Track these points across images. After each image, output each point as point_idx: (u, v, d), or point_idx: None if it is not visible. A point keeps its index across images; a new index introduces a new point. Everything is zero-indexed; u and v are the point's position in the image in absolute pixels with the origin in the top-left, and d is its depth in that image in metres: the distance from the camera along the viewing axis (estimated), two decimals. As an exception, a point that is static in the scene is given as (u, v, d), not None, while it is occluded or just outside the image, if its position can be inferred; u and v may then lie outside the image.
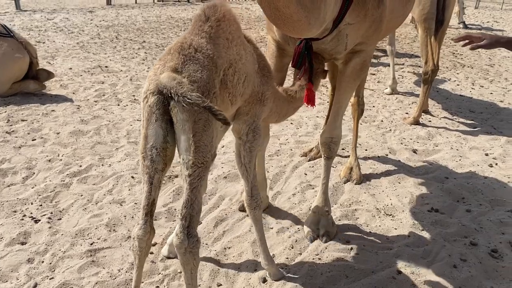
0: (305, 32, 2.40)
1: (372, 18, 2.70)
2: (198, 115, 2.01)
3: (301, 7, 2.15)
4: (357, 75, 2.95)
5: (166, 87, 1.93)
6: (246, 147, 2.60)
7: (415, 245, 3.24)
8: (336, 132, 3.12)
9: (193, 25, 2.28)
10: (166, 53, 2.15)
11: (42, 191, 3.68)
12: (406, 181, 4.18)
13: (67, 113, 5.32)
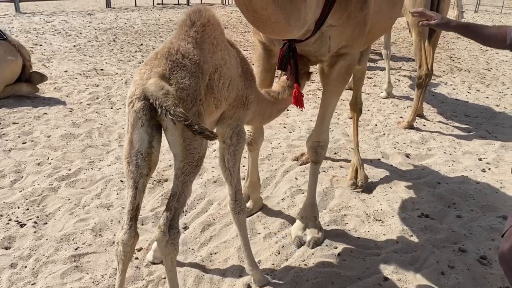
0: (286, 34, 2.40)
1: (356, 21, 2.68)
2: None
3: (279, 8, 2.14)
4: (342, 78, 2.93)
5: (152, 96, 1.92)
6: (230, 150, 2.59)
7: (403, 251, 3.20)
8: (323, 136, 3.09)
9: (178, 30, 2.27)
10: (152, 57, 2.13)
11: (29, 195, 3.66)
12: (397, 186, 4.15)
13: (59, 116, 5.30)
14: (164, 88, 1.93)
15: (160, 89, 1.92)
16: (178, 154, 2.11)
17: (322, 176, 4.25)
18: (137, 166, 2.06)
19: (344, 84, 2.99)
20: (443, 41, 11.59)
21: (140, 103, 1.99)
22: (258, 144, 3.49)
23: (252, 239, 3.26)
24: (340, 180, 4.20)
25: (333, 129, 5.43)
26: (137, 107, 1.99)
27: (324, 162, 4.55)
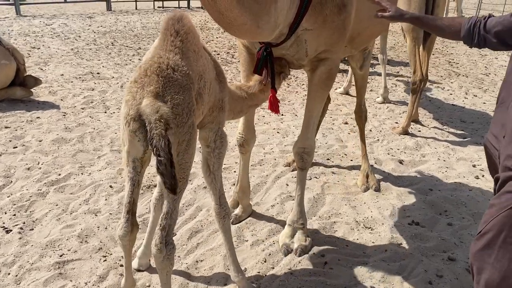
0: (255, 36, 2.42)
1: (333, 25, 2.65)
2: (182, 137, 2.10)
3: (244, 10, 2.15)
4: (324, 84, 2.90)
5: (146, 119, 1.98)
6: (215, 153, 2.62)
7: (391, 259, 3.17)
8: (308, 142, 3.06)
9: (163, 40, 2.25)
10: (142, 75, 2.11)
11: (17, 200, 3.64)
12: (389, 193, 4.12)
13: (52, 120, 5.29)
14: (159, 112, 1.95)
15: (154, 113, 1.95)
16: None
17: (313, 182, 4.23)
18: (134, 167, 2.22)
19: (327, 89, 2.96)
20: (442, 46, 11.56)
21: (135, 124, 2.04)
22: (250, 146, 3.47)
23: (239, 246, 3.24)
24: (332, 186, 4.17)
25: (327, 134, 5.41)
26: (133, 127, 2.05)
27: (316, 168, 4.53)
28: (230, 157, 4.65)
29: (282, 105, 6.37)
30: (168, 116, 1.97)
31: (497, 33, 2.12)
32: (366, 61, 3.99)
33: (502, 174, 1.97)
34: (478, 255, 1.95)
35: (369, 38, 3.46)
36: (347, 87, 7.23)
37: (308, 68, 2.93)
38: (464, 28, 2.25)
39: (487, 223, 1.93)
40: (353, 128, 5.65)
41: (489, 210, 1.97)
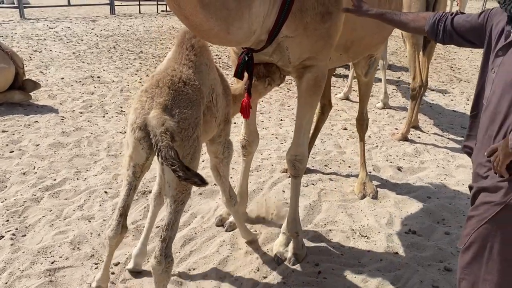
0: (226, 42, 2.46)
1: (316, 33, 2.62)
2: (187, 150, 2.15)
3: (211, 16, 2.17)
4: (312, 91, 2.86)
5: (152, 131, 2.03)
6: (224, 162, 2.87)
7: (386, 269, 3.12)
8: (300, 149, 3.02)
9: (177, 53, 2.31)
10: (153, 85, 2.16)
11: (11, 205, 3.62)
12: (386, 200, 4.07)
13: (50, 124, 5.28)
14: (164, 125, 2.00)
15: (160, 126, 2.00)
16: (172, 182, 2.19)
17: (310, 189, 4.19)
18: (134, 172, 2.28)
19: (315, 96, 2.92)
20: (445, 51, 11.50)
21: (140, 132, 2.11)
22: (253, 148, 3.48)
23: (232, 254, 3.20)
24: (329, 193, 4.13)
25: (325, 140, 5.37)
26: (138, 136, 2.12)
27: (313, 174, 4.49)
28: (227, 163, 4.61)
29: (282, 110, 6.35)
30: (173, 129, 2.02)
31: (464, 31, 2.13)
32: (371, 68, 3.95)
33: (475, 185, 1.97)
34: (468, 269, 1.92)
35: (366, 48, 3.41)
36: (347, 92, 7.19)
37: (295, 75, 2.91)
38: (429, 23, 2.25)
39: (469, 235, 1.92)
40: (352, 134, 5.61)
41: (469, 222, 1.96)
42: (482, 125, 1.93)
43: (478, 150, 1.96)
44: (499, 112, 1.83)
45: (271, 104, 6.60)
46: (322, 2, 2.59)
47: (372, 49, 3.60)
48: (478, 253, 1.90)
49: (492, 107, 1.87)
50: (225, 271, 3.02)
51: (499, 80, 1.84)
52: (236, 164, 4.56)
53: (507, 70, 1.80)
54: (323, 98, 4.52)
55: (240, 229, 3.29)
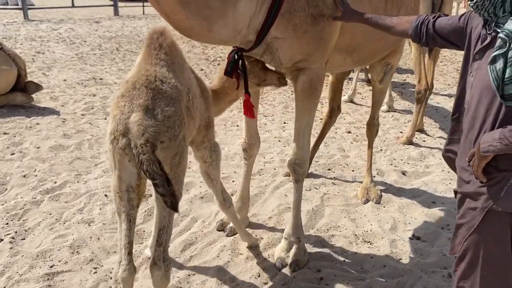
0: (209, 40, 2.50)
1: (307, 35, 2.58)
2: (174, 150, 2.06)
3: (192, 14, 2.18)
4: (308, 93, 2.81)
5: (132, 140, 1.90)
6: (213, 165, 2.81)
7: (389, 276, 3.07)
8: (300, 153, 2.97)
9: (147, 54, 2.22)
10: (130, 88, 2.05)
11: (11, 208, 3.59)
12: (390, 205, 4.01)
13: (51, 126, 5.26)
14: (144, 135, 1.88)
15: (140, 136, 1.88)
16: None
17: (313, 193, 4.14)
18: (128, 200, 2.08)
19: (312, 99, 2.86)
20: (451, 53, 11.42)
21: (124, 140, 1.95)
22: (254, 151, 3.44)
23: (233, 259, 3.15)
24: (332, 198, 4.08)
25: (329, 143, 5.32)
26: (122, 144, 1.96)
27: (316, 178, 4.44)
28: (229, 166, 4.58)
29: (285, 113, 6.31)
30: (155, 138, 1.91)
31: (446, 34, 2.12)
32: (387, 76, 3.87)
33: (459, 190, 1.98)
34: (465, 277, 1.92)
35: (373, 53, 3.34)
36: (351, 95, 7.14)
37: (290, 77, 2.88)
38: (412, 26, 2.25)
39: (461, 244, 1.91)
40: (356, 137, 5.56)
41: (459, 230, 1.95)
42: (464, 130, 1.93)
43: (461, 155, 1.96)
44: (477, 117, 1.82)
45: (274, 107, 6.56)
46: (314, 4, 2.55)
47: (379, 55, 3.52)
48: (473, 260, 1.88)
49: (471, 111, 1.87)
50: (226, 277, 2.98)
51: (476, 84, 1.83)
52: (238, 168, 4.53)
53: (483, 74, 1.77)
54: (332, 102, 4.47)
55: (239, 233, 3.25)
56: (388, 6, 3.10)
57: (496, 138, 1.70)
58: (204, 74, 8.09)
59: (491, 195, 1.78)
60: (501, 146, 1.68)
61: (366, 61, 3.56)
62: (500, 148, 1.69)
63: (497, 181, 1.78)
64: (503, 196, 1.75)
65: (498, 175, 1.78)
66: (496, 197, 1.77)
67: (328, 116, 4.53)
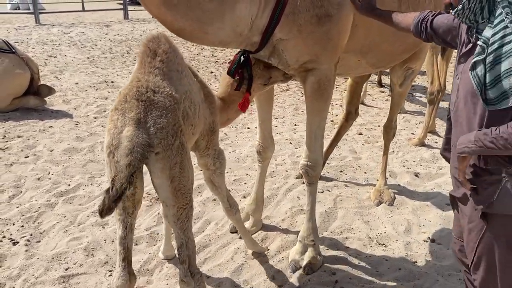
0: (208, 42, 2.49)
1: (313, 36, 2.56)
2: (173, 160, 2.01)
3: (180, 16, 2.18)
4: (318, 95, 2.79)
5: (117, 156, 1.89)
6: (217, 173, 2.75)
7: (405, 279, 3.04)
8: (312, 156, 2.94)
9: (141, 63, 2.18)
10: (121, 100, 2.03)
11: (26, 211, 3.62)
12: (404, 207, 3.98)
13: (64, 129, 5.30)
14: (128, 157, 1.83)
15: (125, 156, 1.84)
16: (168, 198, 2.09)
17: (325, 195, 4.13)
18: (124, 208, 2.06)
19: (322, 101, 2.83)
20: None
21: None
22: (268, 153, 3.44)
23: (247, 262, 3.15)
24: (344, 200, 4.06)
25: (340, 145, 5.29)
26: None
27: (329, 180, 4.42)
28: (240, 169, 4.58)
29: (295, 115, 6.29)
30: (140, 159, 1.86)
31: (442, 33, 2.15)
32: (407, 80, 3.83)
33: (455, 192, 1.99)
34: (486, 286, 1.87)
35: (389, 56, 3.27)
36: (362, 97, 7.10)
37: (299, 79, 2.86)
38: (413, 23, 2.28)
39: (474, 250, 1.88)
40: (368, 139, 5.53)
41: (468, 236, 1.92)
42: (453, 131, 1.98)
43: (453, 155, 1.97)
44: (463, 119, 1.86)
45: (285, 109, 6.55)
46: (319, 5, 2.52)
47: (398, 58, 3.45)
48: (489, 264, 1.86)
49: (458, 113, 1.89)
50: (240, 279, 2.98)
51: (462, 87, 1.85)
52: (250, 170, 4.53)
53: (467, 77, 1.78)
54: (349, 105, 4.43)
55: (245, 240, 3.20)
56: (403, 8, 3.05)
57: (471, 140, 1.74)
58: (214, 77, 8.11)
59: (484, 198, 1.79)
60: (476, 148, 1.73)
61: (383, 64, 3.51)
62: (474, 149, 1.73)
63: (489, 183, 1.78)
64: (496, 199, 1.75)
65: (488, 178, 1.78)
66: (490, 200, 1.77)
67: (344, 119, 4.50)
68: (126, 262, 2.11)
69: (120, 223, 2.09)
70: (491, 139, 1.67)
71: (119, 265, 2.11)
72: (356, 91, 4.40)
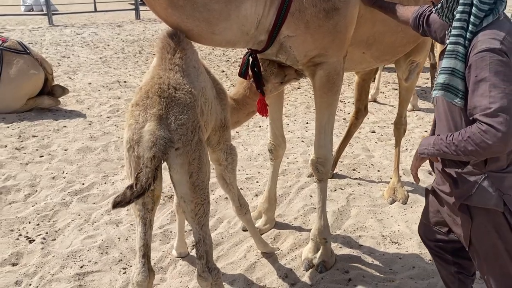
0: (215, 42, 2.47)
1: (321, 30, 2.54)
2: (191, 155, 2.04)
3: (186, 17, 2.19)
4: (327, 89, 2.77)
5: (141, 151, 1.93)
6: (228, 169, 2.76)
7: (419, 277, 3.02)
8: (322, 152, 2.91)
9: (161, 59, 2.20)
10: (143, 96, 2.05)
11: (41, 209, 3.67)
12: (418, 206, 3.95)
13: (78, 129, 5.36)
14: (152, 149, 1.87)
15: (149, 149, 1.88)
16: (186, 194, 2.11)
17: (338, 193, 4.11)
18: (143, 204, 2.10)
19: (331, 94, 2.81)
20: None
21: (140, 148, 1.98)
22: (280, 152, 3.44)
23: (260, 260, 3.16)
24: (357, 198, 4.04)
25: (353, 143, 5.27)
26: (139, 152, 1.98)
27: (342, 178, 4.41)
28: (252, 167, 4.58)
29: (307, 113, 6.28)
30: (164, 151, 1.90)
31: (435, 29, 2.20)
32: (412, 74, 3.81)
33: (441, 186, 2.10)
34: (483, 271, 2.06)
35: (392, 48, 3.26)
36: (374, 94, 7.06)
37: (308, 73, 2.84)
38: (412, 17, 2.33)
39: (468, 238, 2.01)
40: (381, 137, 5.50)
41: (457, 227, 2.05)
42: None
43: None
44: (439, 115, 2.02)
45: (296, 107, 6.54)
46: None
47: (401, 50, 3.46)
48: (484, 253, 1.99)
49: (438, 109, 2.03)
50: (253, 277, 2.99)
51: None
52: (262, 169, 4.53)
53: None
54: (358, 102, 4.42)
55: (254, 240, 3.18)
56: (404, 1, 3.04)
57: (431, 143, 1.88)
58: (225, 76, 8.12)
59: (463, 191, 1.92)
60: (434, 151, 1.87)
61: (387, 57, 3.49)
62: (432, 152, 1.88)
63: (468, 179, 1.91)
64: (475, 193, 1.89)
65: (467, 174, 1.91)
66: (468, 193, 1.90)
67: (354, 117, 4.48)
68: (146, 258, 2.14)
69: (139, 219, 2.12)
70: (446, 144, 1.81)
71: (139, 261, 2.13)
72: (364, 88, 4.39)
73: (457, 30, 1.80)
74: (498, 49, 1.69)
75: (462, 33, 1.79)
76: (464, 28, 1.79)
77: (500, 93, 1.65)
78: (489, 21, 1.77)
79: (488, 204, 1.87)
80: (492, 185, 1.86)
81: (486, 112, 1.67)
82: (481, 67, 1.70)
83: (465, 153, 1.75)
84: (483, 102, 1.68)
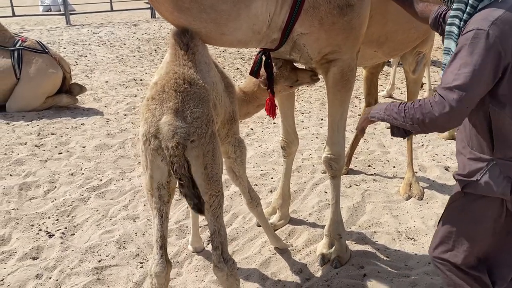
0: (225, 43, 2.45)
1: (335, 27, 2.52)
2: (206, 148, 2.09)
3: (193, 19, 2.18)
4: (341, 85, 2.76)
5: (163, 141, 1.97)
6: (237, 162, 2.79)
7: (435, 273, 3.00)
8: (335, 148, 2.92)
9: (174, 55, 2.23)
10: (159, 91, 2.08)
11: (60, 205, 3.75)
12: (433, 202, 3.92)
13: (96, 126, 5.45)
14: (174, 138, 1.92)
15: (171, 138, 1.93)
16: (201, 186, 2.13)
17: (353, 189, 4.10)
18: (159, 196, 2.15)
19: (345, 91, 2.81)
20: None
21: (156, 141, 2.02)
22: (292, 148, 3.45)
23: (275, 255, 3.18)
24: (373, 194, 4.03)
25: (368, 139, 5.25)
26: (155, 145, 2.03)
27: (357, 174, 4.40)
28: (267, 163, 4.60)
29: (322, 109, 6.27)
30: (185, 139, 1.95)
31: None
32: (419, 66, 3.80)
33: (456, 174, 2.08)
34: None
35: (403, 44, 3.26)
36: (390, 90, 7.01)
37: (321, 71, 2.84)
38: (432, 16, 2.29)
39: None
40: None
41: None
42: None
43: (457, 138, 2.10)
44: None
45: (311, 104, 6.53)
46: None
47: (410, 46, 3.45)
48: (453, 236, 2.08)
49: None
50: (268, 272, 3.01)
51: None
52: (277, 165, 4.54)
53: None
54: (368, 97, 4.40)
55: (267, 235, 3.21)
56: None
57: (383, 108, 1.97)
58: (240, 73, 8.15)
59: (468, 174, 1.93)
60: (384, 116, 1.95)
61: (397, 53, 3.49)
62: (382, 117, 1.97)
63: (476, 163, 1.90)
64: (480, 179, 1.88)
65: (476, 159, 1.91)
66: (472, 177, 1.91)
67: None
68: (163, 250, 2.18)
69: (156, 212, 2.16)
70: (397, 110, 1.87)
71: (157, 252, 2.17)
72: (373, 81, 4.36)
73: (454, 11, 1.84)
74: (483, 31, 1.70)
75: (458, 14, 1.83)
76: (461, 10, 1.82)
77: (466, 73, 1.70)
78: (485, 3, 1.78)
79: (494, 192, 1.86)
80: (500, 174, 1.85)
81: (445, 86, 1.74)
82: (461, 45, 1.74)
83: (412, 120, 1.81)
84: (449, 77, 1.74)
